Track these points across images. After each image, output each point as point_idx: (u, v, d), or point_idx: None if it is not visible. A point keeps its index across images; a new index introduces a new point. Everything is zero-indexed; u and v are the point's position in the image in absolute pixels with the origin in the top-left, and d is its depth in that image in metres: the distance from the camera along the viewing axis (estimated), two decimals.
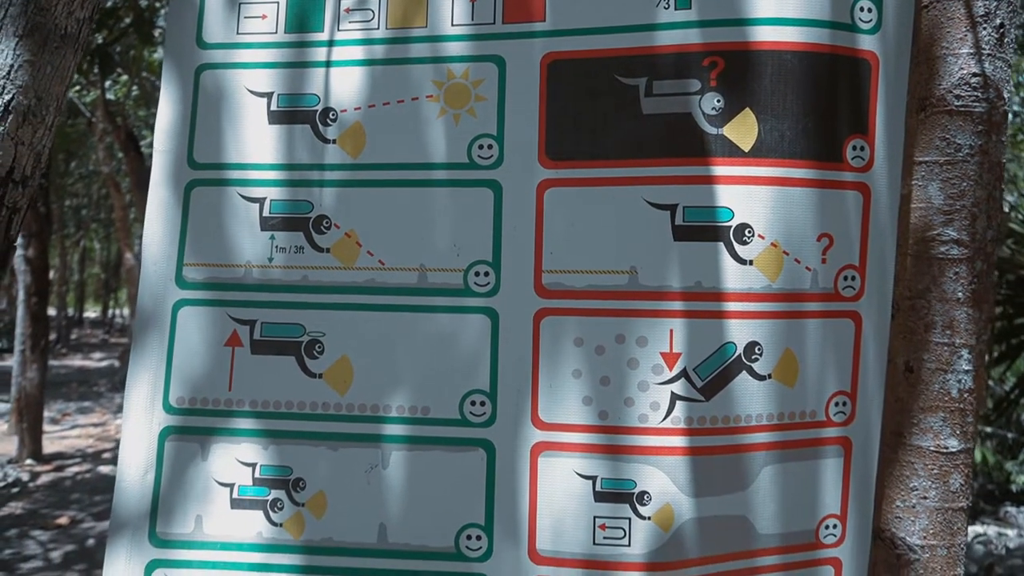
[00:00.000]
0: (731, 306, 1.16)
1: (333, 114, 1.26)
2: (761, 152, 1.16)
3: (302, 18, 1.29)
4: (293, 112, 1.27)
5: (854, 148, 1.19)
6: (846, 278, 1.19)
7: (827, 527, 1.20)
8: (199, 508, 1.22)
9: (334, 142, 1.26)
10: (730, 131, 1.17)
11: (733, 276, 1.16)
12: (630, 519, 1.15)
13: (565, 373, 1.18)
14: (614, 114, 1.20)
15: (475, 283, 1.22)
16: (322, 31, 1.28)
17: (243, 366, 1.24)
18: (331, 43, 1.27)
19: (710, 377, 1.16)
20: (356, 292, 1.23)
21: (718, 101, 1.17)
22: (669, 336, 1.16)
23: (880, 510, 1.15)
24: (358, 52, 1.27)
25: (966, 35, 1.11)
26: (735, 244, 1.16)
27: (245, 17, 1.30)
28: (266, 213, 1.26)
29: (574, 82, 1.21)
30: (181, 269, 1.26)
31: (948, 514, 1.10)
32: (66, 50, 0.99)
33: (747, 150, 1.16)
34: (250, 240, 1.25)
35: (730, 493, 1.16)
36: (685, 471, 1.14)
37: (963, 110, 1.10)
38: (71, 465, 6.42)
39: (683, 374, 1.16)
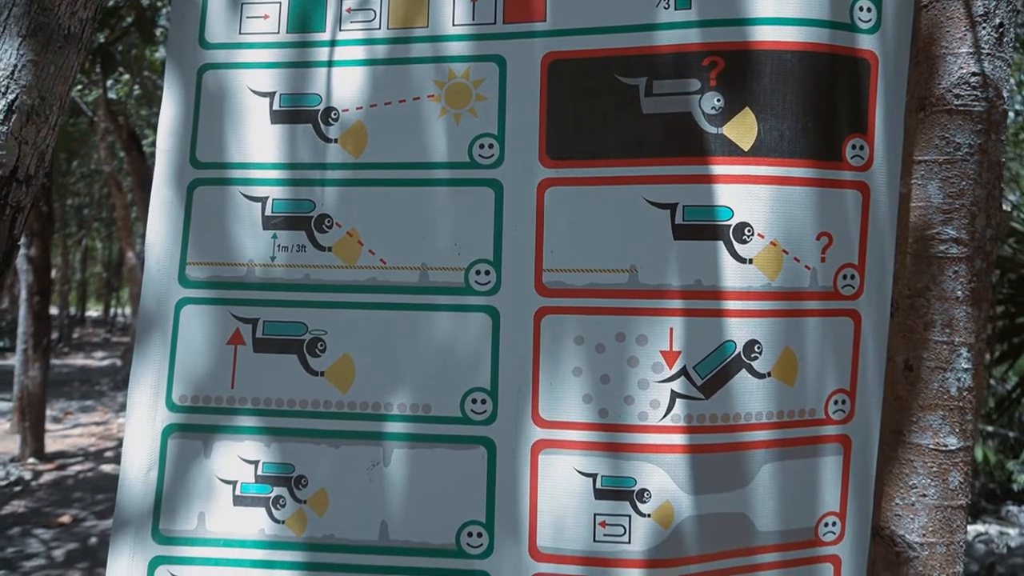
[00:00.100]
0: (731, 304, 1.16)
1: (335, 114, 1.27)
2: (761, 151, 1.17)
3: (304, 18, 1.29)
4: (295, 112, 1.27)
5: (853, 147, 1.19)
6: (845, 277, 1.20)
7: (826, 525, 1.20)
8: (202, 505, 1.22)
9: (336, 141, 1.26)
10: (730, 130, 1.17)
11: (733, 275, 1.16)
12: (630, 516, 1.15)
13: (565, 371, 1.19)
14: (614, 114, 1.20)
15: (476, 282, 1.22)
16: (324, 31, 1.28)
17: (245, 364, 1.24)
18: (333, 43, 1.28)
19: (710, 375, 1.16)
20: (358, 291, 1.24)
21: (718, 100, 1.18)
22: (669, 334, 1.17)
23: (879, 508, 1.15)
24: (360, 52, 1.27)
25: (965, 34, 1.11)
26: (735, 243, 1.16)
27: (247, 17, 1.30)
28: (268, 212, 1.26)
29: (574, 82, 1.22)
30: (184, 268, 1.26)
31: (947, 512, 1.10)
32: (69, 50, 0.99)
33: (747, 149, 1.17)
34: (252, 239, 1.26)
35: (730, 491, 1.17)
36: (685, 469, 1.15)
37: (962, 109, 1.11)
38: (73, 464, 6.43)
39: (683, 372, 1.16)
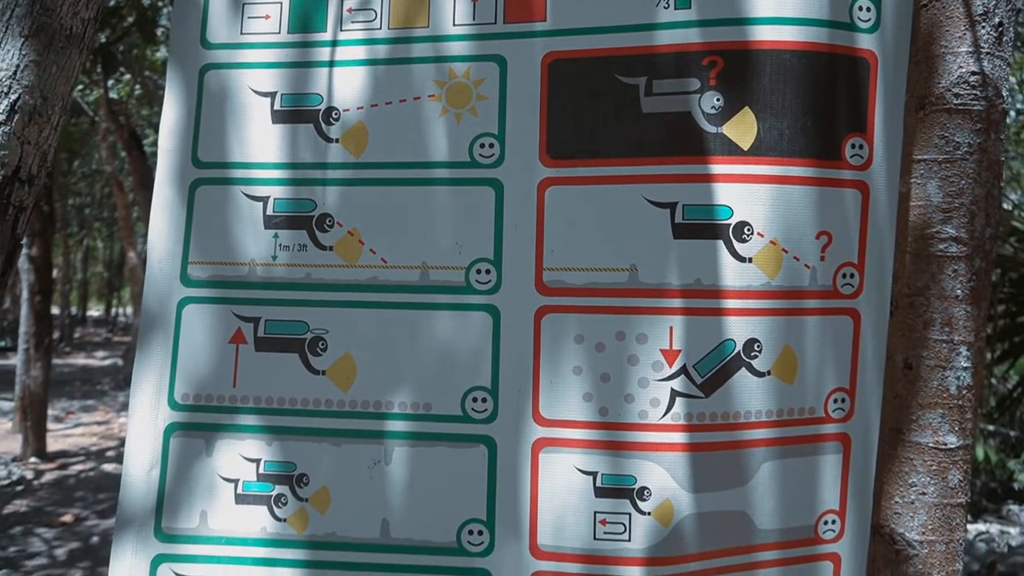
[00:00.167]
0: (730, 303, 1.16)
1: (336, 113, 1.27)
2: (760, 150, 1.17)
3: (305, 18, 1.29)
4: (296, 112, 1.28)
5: (853, 146, 1.20)
6: (845, 275, 1.20)
7: (826, 523, 1.20)
8: (204, 503, 1.23)
9: (337, 141, 1.27)
10: (729, 130, 1.18)
11: (732, 274, 1.17)
12: (630, 514, 1.16)
13: (566, 370, 1.19)
14: (614, 113, 1.21)
15: (476, 281, 1.23)
16: (325, 31, 1.29)
17: (247, 363, 1.25)
18: (334, 43, 1.28)
19: (710, 374, 1.16)
20: (359, 290, 1.24)
21: (717, 100, 1.18)
22: (669, 333, 1.17)
23: (879, 506, 1.15)
24: (360, 52, 1.28)
25: (965, 34, 1.11)
26: (734, 242, 1.17)
27: (249, 17, 1.31)
28: (270, 212, 1.27)
29: (575, 81, 1.22)
30: (186, 267, 1.27)
31: (947, 510, 1.10)
32: (71, 50, 1.00)
33: (746, 148, 1.17)
34: (254, 238, 1.26)
35: (729, 489, 1.17)
36: (685, 467, 1.15)
37: (962, 108, 1.11)
38: (75, 463, 6.44)
39: (683, 371, 1.16)
